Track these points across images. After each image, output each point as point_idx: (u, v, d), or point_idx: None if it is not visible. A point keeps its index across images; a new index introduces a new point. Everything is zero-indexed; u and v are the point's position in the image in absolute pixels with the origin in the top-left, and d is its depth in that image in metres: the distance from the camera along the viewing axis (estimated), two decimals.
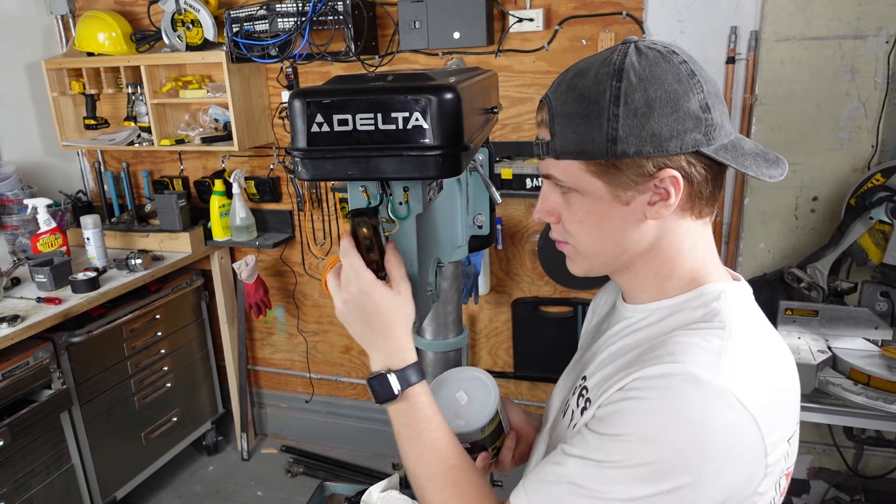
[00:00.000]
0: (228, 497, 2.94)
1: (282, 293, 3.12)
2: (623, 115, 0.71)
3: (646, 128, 0.71)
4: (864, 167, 2.16)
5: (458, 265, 1.19)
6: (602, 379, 0.79)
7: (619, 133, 0.71)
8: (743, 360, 0.71)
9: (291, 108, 0.81)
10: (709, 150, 0.72)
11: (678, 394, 0.67)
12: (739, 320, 0.75)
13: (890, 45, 2.04)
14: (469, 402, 0.91)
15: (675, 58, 0.73)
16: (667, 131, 0.71)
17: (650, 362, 0.71)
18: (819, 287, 2.08)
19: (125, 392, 2.65)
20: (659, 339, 0.75)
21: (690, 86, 0.72)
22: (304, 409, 3.26)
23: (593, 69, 0.74)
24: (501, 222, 2.62)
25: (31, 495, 2.25)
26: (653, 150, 0.71)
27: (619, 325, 0.85)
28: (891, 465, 2.39)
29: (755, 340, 0.75)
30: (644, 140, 0.71)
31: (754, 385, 0.69)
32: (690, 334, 0.73)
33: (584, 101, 0.73)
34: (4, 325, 2.14)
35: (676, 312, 0.79)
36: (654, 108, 0.71)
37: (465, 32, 2.29)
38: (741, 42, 2.19)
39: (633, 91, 0.71)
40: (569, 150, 0.75)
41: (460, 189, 1.11)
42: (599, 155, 0.73)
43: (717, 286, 0.79)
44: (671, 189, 0.73)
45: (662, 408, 0.68)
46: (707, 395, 0.67)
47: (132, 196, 3.08)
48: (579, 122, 0.73)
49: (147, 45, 2.77)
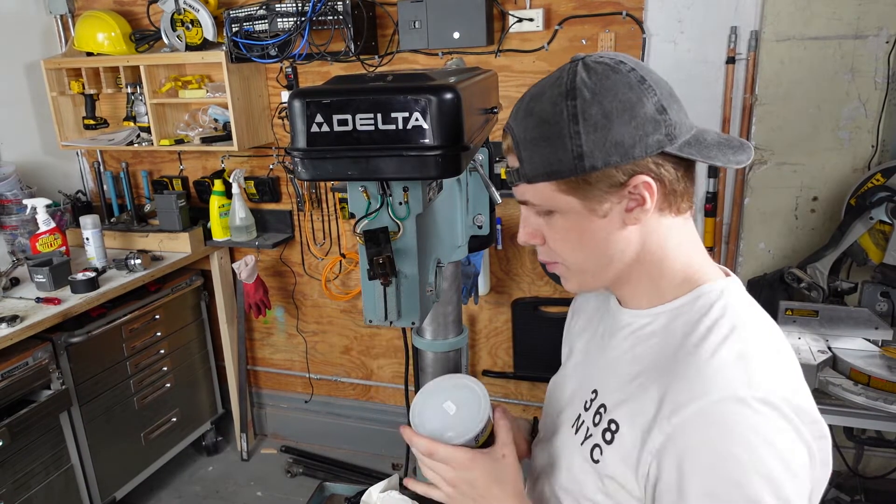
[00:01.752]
0: (228, 497, 2.94)
1: (281, 293, 3.12)
2: (584, 131, 0.72)
3: (608, 139, 0.72)
4: (865, 167, 2.16)
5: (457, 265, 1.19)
6: (622, 401, 0.79)
7: (583, 149, 0.72)
8: (767, 360, 0.72)
9: (291, 109, 0.81)
10: (673, 148, 0.74)
11: (730, 426, 0.68)
12: (748, 318, 0.76)
13: (890, 45, 2.04)
14: (458, 412, 0.86)
15: (622, 67, 0.74)
16: (629, 138, 0.72)
17: (683, 398, 0.70)
18: (819, 287, 2.07)
19: (125, 392, 2.65)
20: (674, 355, 0.75)
21: (643, 91, 0.73)
22: (303, 410, 3.26)
23: (546, 92, 0.75)
24: (501, 222, 2.62)
25: (31, 495, 2.25)
26: (619, 158, 0.72)
27: (623, 332, 0.85)
28: (891, 465, 2.39)
29: (768, 336, 0.77)
30: (609, 151, 0.72)
31: (788, 383, 0.72)
32: (708, 346, 0.73)
33: (545, 124, 0.74)
34: (3, 325, 2.14)
35: (680, 316, 0.79)
36: (612, 118, 0.72)
37: (464, 32, 2.29)
38: (741, 42, 2.19)
39: (589, 106, 0.72)
40: (539, 173, 0.76)
41: (460, 189, 1.11)
42: (569, 173, 0.74)
43: (715, 285, 0.79)
44: (645, 194, 0.74)
45: (722, 451, 0.67)
46: (757, 411, 0.68)
47: (131, 196, 3.07)
48: (544, 145, 0.74)
49: (146, 45, 2.77)
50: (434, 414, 0.87)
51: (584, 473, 0.81)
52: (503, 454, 0.83)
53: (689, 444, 0.69)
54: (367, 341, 3.07)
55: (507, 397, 2.89)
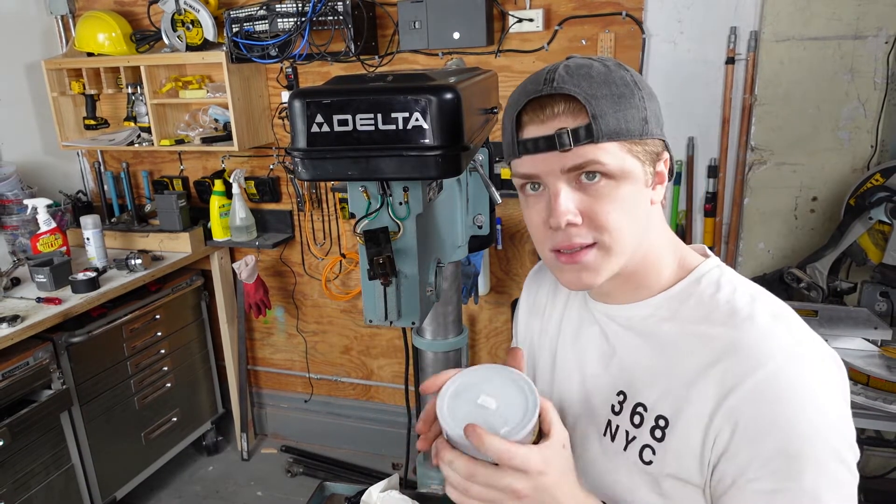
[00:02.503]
0: (228, 497, 2.94)
1: (281, 293, 3.12)
2: (645, 97, 0.76)
3: (656, 110, 0.77)
4: (864, 167, 2.16)
5: (458, 265, 1.19)
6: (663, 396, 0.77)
7: (647, 113, 0.76)
8: (794, 317, 0.76)
9: (291, 109, 0.81)
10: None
11: (793, 380, 0.70)
12: (752, 286, 0.80)
13: (890, 45, 2.04)
14: (500, 405, 0.70)
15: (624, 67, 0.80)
16: (661, 115, 0.79)
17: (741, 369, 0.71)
18: (818, 287, 2.08)
19: (125, 392, 2.65)
20: (707, 334, 0.76)
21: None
22: (303, 409, 3.26)
23: (591, 64, 0.77)
24: (501, 222, 2.62)
25: (31, 495, 2.25)
26: (660, 132, 0.78)
27: (623, 329, 0.84)
28: (891, 465, 2.39)
29: (774, 297, 0.80)
30: (657, 121, 0.77)
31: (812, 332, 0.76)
32: (741, 316, 0.75)
33: (614, 85, 0.75)
34: (4, 325, 2.14)
35: (688, 298, 0.80)
36: (653, 94, 0.78)
37: (464, 32, 2.29)
38: (741, 42, 2.19)
39: (638, 77, 0.77)
40: (611, 131, 0.73)
41: (460, 189, 1.11)
42: (637, 134, 0.75)
43: (707, 264, 0.83)
44: (665, 171, 0.79)
45: (795, 406, 0.69)
46: (812, 360, 0.71)
47: (132, 196, 3.08)
48: (624, 102, 0.75)
49: (147, 46, 2.77)
50: (473, 414, 0.69)
51: (634, 477, 0.78)
52: (563, 444, 0.70)
53: (762, 411, 0.69)
54: (367, 341, 3.07)
55: None
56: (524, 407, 0.69)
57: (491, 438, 0.64)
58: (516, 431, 0.67)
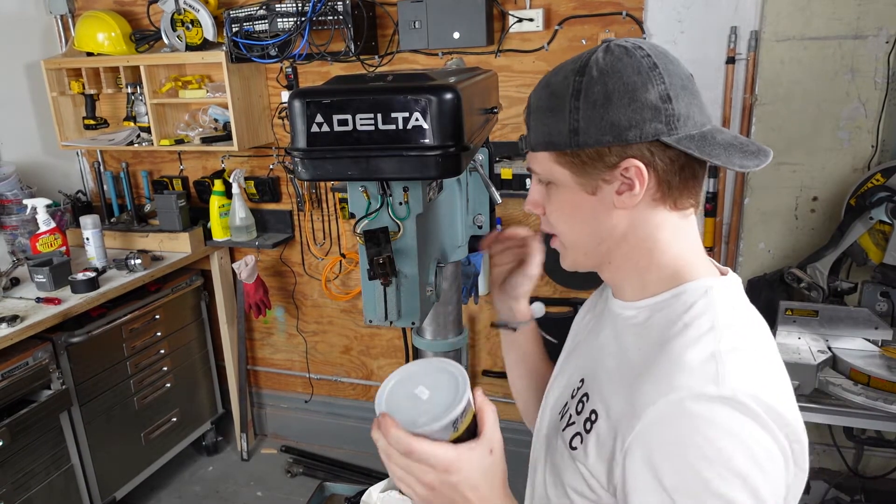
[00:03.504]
0: (228, 497, 2.94)
1: (281, 293, 3.12)
2: (583, 107, 0.74)
3: (604, 118, 0.73)
4: (864, 167, 2.16)
5: (458, 265, 1.19)
6: (600, 392, 0.79)
7: (579, 124, 0.74)
8: (741, 360, 0.70)
9: (291, 109, 0.81)
10: (670, 139, 0.73)
11: (694, 423, 0.66)
12: (729, 319, 0.74)
13: (890, 45, 2.04)
14: (432, 397, 0.73)
15: (638, 52, 0.75)
16: (625, 121, 0.73)
17: (650, 396, 0.70)
18: (819, 287, 2.07)
19: (125, 392, 2.65)
20: (649, 350, 0.75)
21: (650, 77, 0.73)
22: (303, 410, 3.26)
23: (565, 68, 0.78)
24: (501, 222, 2.62)
25: (31, 496, 2.25)
26: (612, 139, 0.73)
27: (611, 323, 0.86)
28: (891, 465, 2.39)
29: (749, 337, 0.75)
30: (603, 130, 0.73)
31: (761, 383, 0.69)
32: (680, 343, 0.72)
33: (553, 97, 0.77)
34: (4, 325, 2.14)
35: (660, 311, 0.79)
36: (612, 99, 0.73)
37: (464, 32, 2.29)
38: (741, 42, 2.19)
39: (593, 84, 0.74)
40: (539, 142, 0.79)
41: (460, 189, 1.11)
42: (564, 145, 0.76)
43: (701, 283, 0.78)
44: (635, 179, 0.75)
45: (688, 448, 0.66)
46: (718, 408, 0.66)
47: (132, 196, 3.07)
48: (548, 115, 0.77)
49: (146, 45, 2.77)
50: (404, 401, 0.74)
51: (564, 460, 0.82)
52: (491, 449, 0.71)
53: (654, 443, 0.68)
54: (367, 341, 3.07)
55: (507, 397, 2.89)
56: (449, 403, 0.72)
57: (395, 431, 0.68)
58: (429, 423, 0.70)
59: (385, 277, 0.86)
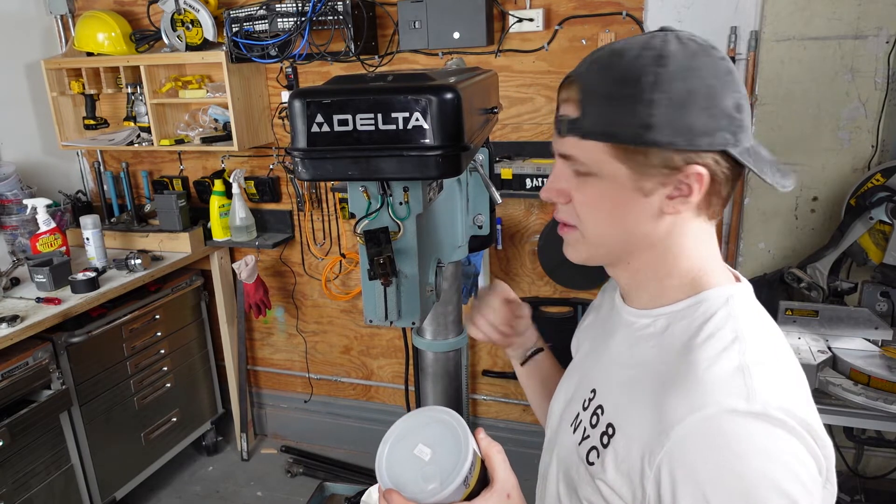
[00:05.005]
0: (228, 497, 2.94)
1: (281, 293, 3.12)
2: (661, 102, 0.68)
3: (682, 119, 0.68)
4: (864, 167, 2.16)
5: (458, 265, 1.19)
6: (619, 406, 0.76)
7: (654, 120, 0.68)
8: (768, 373, 0.69)
9: (291, 109, 0.81)
10: (736, 151, 0.70)
11: (728, 440, 0.65)
12: (751, 329, 0.73)
13: (890, 45, 2.04)
14: (435, 455, 0.70)
15: (715, 52, 0.71)
16: (701, 126, 0.69)
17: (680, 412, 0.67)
18: (819, 287, 2.07)
19: (125, 392, 2.65)
20: (673, 363, 0.72)
21: (728, 83, 0.70)
22: (303, 410, 3.26)
23: (633, 51, 0.71)
24: (501, 222, 2.62)
25: (31, 496, 2.25)
26: (684, 143, 0.69)
27: (623, 331, 0.83)
28: (891, 465, 2.39)
29: (772, 348, 0.73)
30: (678, 131, 0.69)
31: (789, 395, 0.68)
32: (706, 355, 0.70)
33: (622, 83, 0.70)
34: (4, 325, 2.14)
35: (680, 320, 0.76)
36: (693, 100, 0.68)
37: (465, 32, 2.29)
38: (741, 42, 2.19)
39: (674, 79, 0.68)
40: (597, 131, 0.72)
41: (460, 189, 1.11)
42: (629, 140, 0.70)
43: (721, 291, 0.76)
44: (695, 186, 0.71)
45: (722, 466, 0.64)
46: (756, 423, 0.65)
47: (132, 196, 3.07)
48: (615, 103, 0.70)
49: (147, 45, 2.77)
50: (407, 468, 0.71)
51: (580, 474, 0.79)
52: (508, 494, 0.70)
53: (687, 461, 0.66)
54: (367, 341, 3.07)
55: (506, 397, 2.89)
56: (455, 461, 0.69)
57: None
58: (440, 490, 0.68)
59: (385, 277, 0.86)
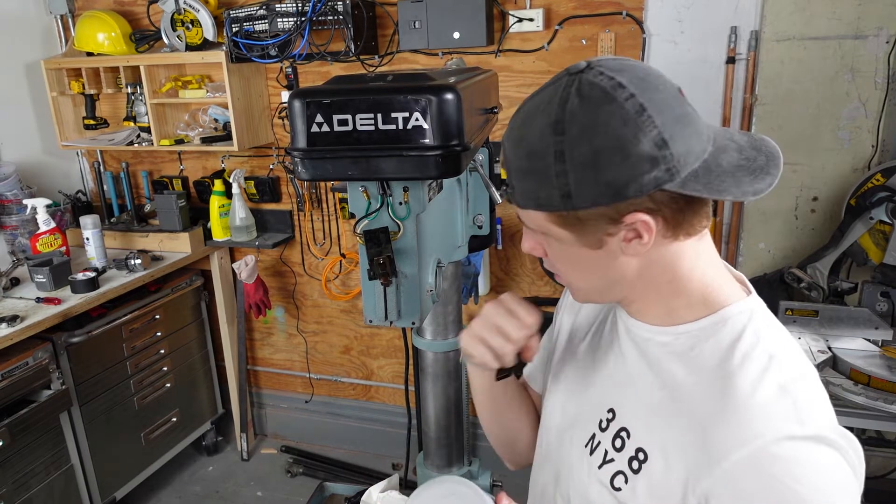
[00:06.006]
0: (228, 497, 2.94)
1: (281, 293, 3.12)
2: (570, 170, 0.67)
3: (597, 179, 0.66)
4: (865, 167, 2.16)
5: (458, 265, 1.19)
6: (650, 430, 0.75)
7: (570, 188, 0.67)
8: (808, 391, 0.70)
9: (291, 109, 0.81)
10: (674, 185, 0.67)
11: (789, 467, 0.65)
12: (781, 345, 0.73)
13: (890, 45, 2.04)
14: None
15: (620, 94, 0.66)
16: (621, 179, 0.66)
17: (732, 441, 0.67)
18: (819, 287, 2.07)
19: (125, 392, 2.65)
20: (711, 388, 0.71)
21: (639, 125, 0.65)
22: (303, 410, 3.26)
23: (536, 120, 0.69)
24: (501, 222, 2.62)
25: (31, 496, 2.25)
26: (610, 199, 0.67)
27: (638, 347, 0.80)
28: (891, 465, 2.39)
29: (801, 362, 0.74)
30: (599, 192, 0.67)
31: (830, 411, 0.70)
32: (747, 379, 0.69)
33: (532, 157, 0.69)
34: (4, 325, 2.14)
35: (706, 340, 0.74)
36: (601, 158, 0.66)
37: (464, 32, 2.29)
38: (741, 42, 2.19)
39: (576, 144, 0.66)
40: (529, 202, 0.72)
41: (460, 189, 1.11)
42: (557, 208, 0.70)
43: (741, 307, 0.75)
44: (642, 230, 0.69)
45: (786, 494, 0.64)
46: (813, 448, 0.66)
47: (132, 196, 3.07)
48: (532, 177, 0.70)
49: (146, 45, 2.77)
50: None
51: (603, 497, 0.77)
52: None
53: (747, 490, 0.65)
54: (367, 341, 3.07)
55: None
56: None
57: None
58: None
59: (385, 277, 0.86)
